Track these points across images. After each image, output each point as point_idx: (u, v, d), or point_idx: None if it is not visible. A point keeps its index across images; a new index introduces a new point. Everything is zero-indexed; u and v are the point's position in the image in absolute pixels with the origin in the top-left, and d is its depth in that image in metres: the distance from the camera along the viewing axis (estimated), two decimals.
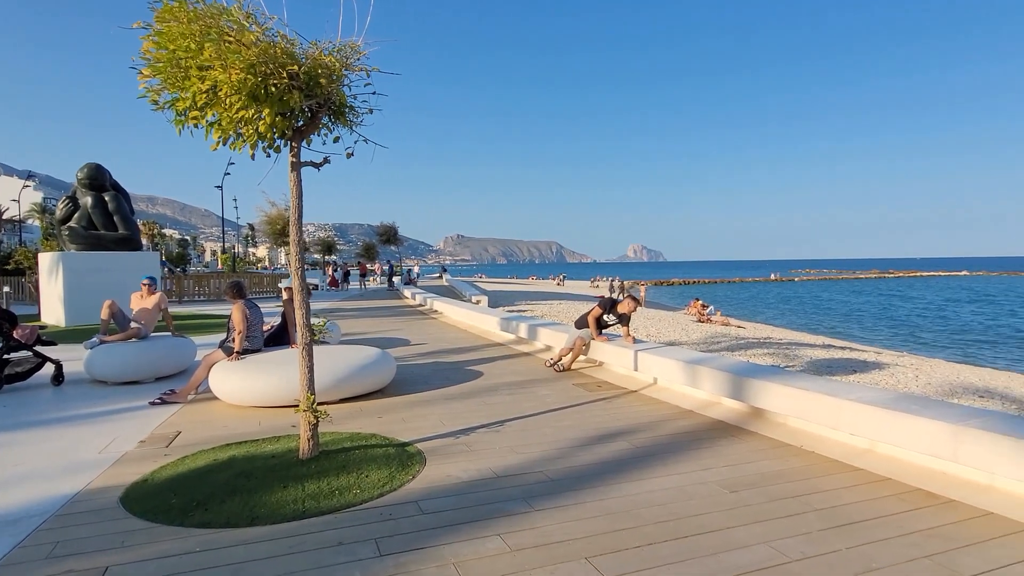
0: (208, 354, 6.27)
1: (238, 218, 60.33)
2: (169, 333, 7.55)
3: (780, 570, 2.66)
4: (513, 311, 21.65)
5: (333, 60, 3.72)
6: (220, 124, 3.62)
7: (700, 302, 30.90)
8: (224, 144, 3.78)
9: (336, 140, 4.06)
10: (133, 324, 7.25)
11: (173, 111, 3.64)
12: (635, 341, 7.23)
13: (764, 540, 2.93)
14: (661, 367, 6.21)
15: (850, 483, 3.74)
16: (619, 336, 7.53)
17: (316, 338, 4.69)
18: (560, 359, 7.62)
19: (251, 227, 71.54)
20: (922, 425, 3.68)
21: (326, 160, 4.07)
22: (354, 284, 29.92)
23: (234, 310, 6.27)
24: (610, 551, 2.82)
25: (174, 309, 17.17)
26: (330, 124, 4.08)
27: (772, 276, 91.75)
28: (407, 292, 23.04)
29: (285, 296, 6.89)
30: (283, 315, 6.77)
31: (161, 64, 3.48)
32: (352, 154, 4.10)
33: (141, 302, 7.38)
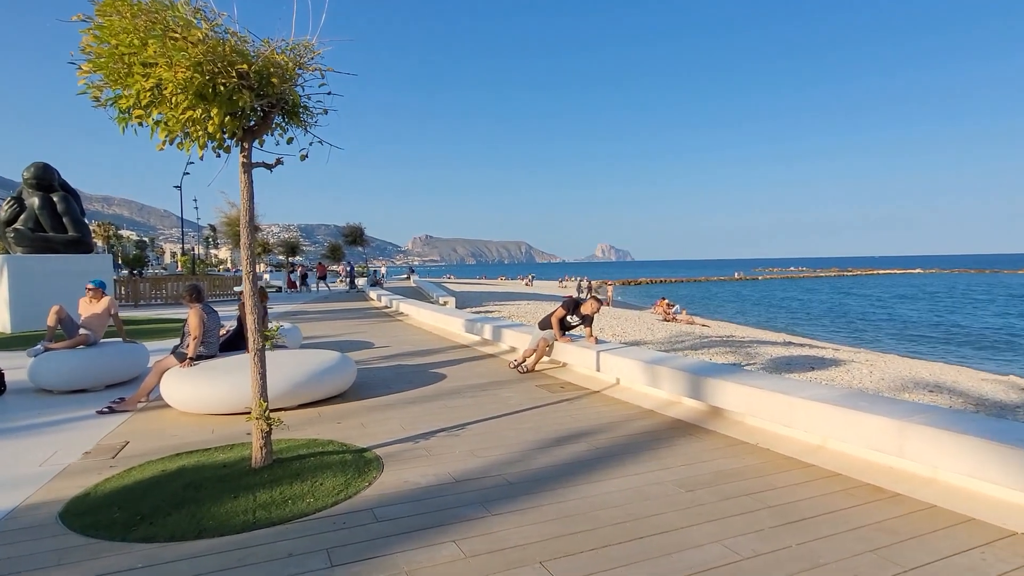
0: (159, 360, 6.08)
1: (198, 219, 58.83)
2: (120, 339, 7.29)
3: (731, 568, 2.69)
4: (480, 312, 21.61)
5: (286, 59, 3.63)
6: (166, 123, 3.50)
7: (666, 301, 31.32)
8: (171, 144, 3.66)
9: (290, 141, 3.98)
10: (82, 331, 6.99)
11: (116, 108, 3.50)
12: (597, 341, 7.28)
13: (717, 539, 2.97)
14: (623, 367, 6.26)
15: (802, 479, 3.81)
16: (582, 337, 7.57)
17: (269, 344, 4.58)
18: (524, 360, 7.62)
19: (212, 228, 69.75)
20: (870, 421, 3.77)
21: (279, 161, 3.97)
22: (322, 286, 29.46)
23: (191, 314, 6.10)
24: (565, 554, 2.82)
25: (130, 313, 16.71)
26: (284, 124, 3.99)
27: (736, 275, 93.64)
28: (373, 294, 22.78)
29: (243, 299, 6.72)
30: (239, 319, 6.61)
31: (103, 60, 3.34)
32: (307, 156, 4.02)
33: (89, 307, 7.12)
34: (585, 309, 7.44)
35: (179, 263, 43.71)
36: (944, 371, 11.77)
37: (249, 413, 4.06)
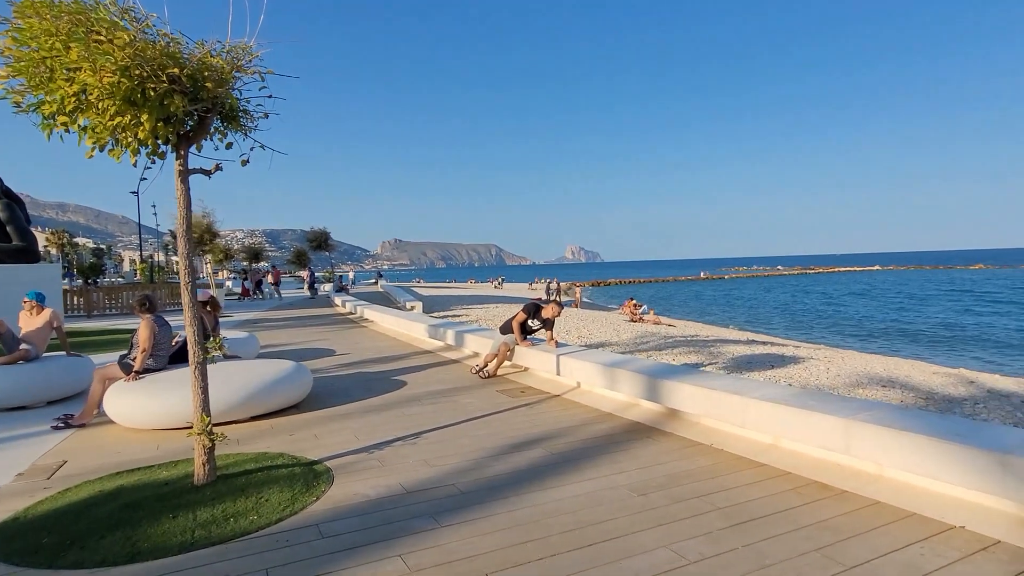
0: (100, 368, 5.84)
1: (158, 225, 57.22)
2: (63, 353, 7.00)
3: (678, 573, 2.68)
4: (447, 317, 21.48)
5: (222, 62, 3.52)
6: (94, 130, 3.35)
7: (633, 302, 31.66)
8: (101, 151, 3.51)
9: (229, 147, 3.86)
10: (23, 345, 6.68)
11: (39, 115, 3.34)
12: (558, 345, 7.27)
13: (666, 543, 2.96)
14: (582, 371, 6.26)
15: (753, 480, 3.84)
16: (544, 340, 7.55)
17: (210, 355, 4.45)
18: (486, 366, 7.56)
19: (172, 235, 67.78)
20: (817, 420, 3.83)
21: (218, 167, 3.85)
22: (288, 293, 28.75)
23: (141, 325, 5.88)
24: (514, 565, 2.77)
25: (81, 325, 16.12)
26: (223, 129, 3.87)
27: (701, 274, 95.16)
28: (338, 300, 22.44)
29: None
30: None
31: (23, 64, 3.19)
32: (247, 161, 3.91)
33: (30, 321, 6.82)
34: (546, 313, 7.43)
35: (137, 271, 42.37)
36: (898, 366, 12.10)
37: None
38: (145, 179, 43.46)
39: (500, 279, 68.91)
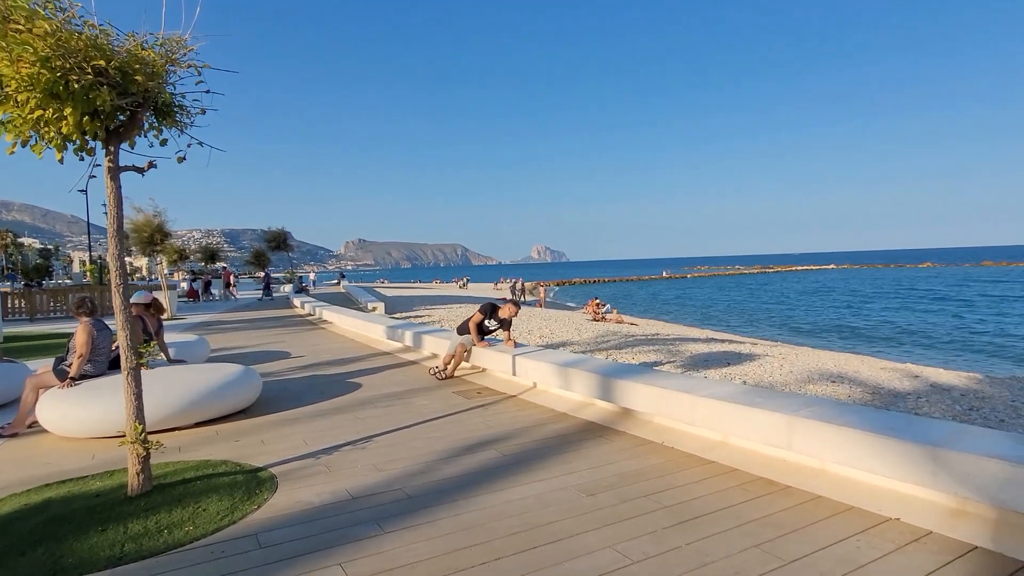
0: (33, 375, 5.57)
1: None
2: None
3: (621, 573, 2.68)
4: (409, 317, 21.27)
5: (154, 55, 3.37)
6: (13, 124, 3.17)
7: (597, 301, 31.93)
8: (24, 146, 3.33)
9: (164, 143, 3.70)
10: None
11: None
12: (516, 345, 7.25)
13: (611, 543, 2.95)
14: (538, 371, 6.25)
15: (701, 477, 3.88)
16: (501, 341, 7.52)
17: (144, 360, 4.29)
18: (444, 367, 7.49)
19: (125, 235, 65.41)
20: (761, 417, 3.89)
21: (151, 164, 3.69)
22: (250, 294, 27.96)
23: (79, 329, 5.63)
24: (455, 570, 2.72)
25: (22, 328, 15.42)
26: (157, 125, 3.72)
27: (663, 273, 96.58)
28: (297, 301, 22.00)
29: (135, 312, 6.27)
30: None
31: None
32: (184, 159, 3.76)
33: None
34: (503, 313, 7.40)
35: (87, 272, 40.81)
36: (849, 361, 12.47)
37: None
38: (94, 176, 41.85)
39: (464, 279, 68.67)
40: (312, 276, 55.74)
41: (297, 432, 5.20)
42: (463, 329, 7.53)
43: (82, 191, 41.94)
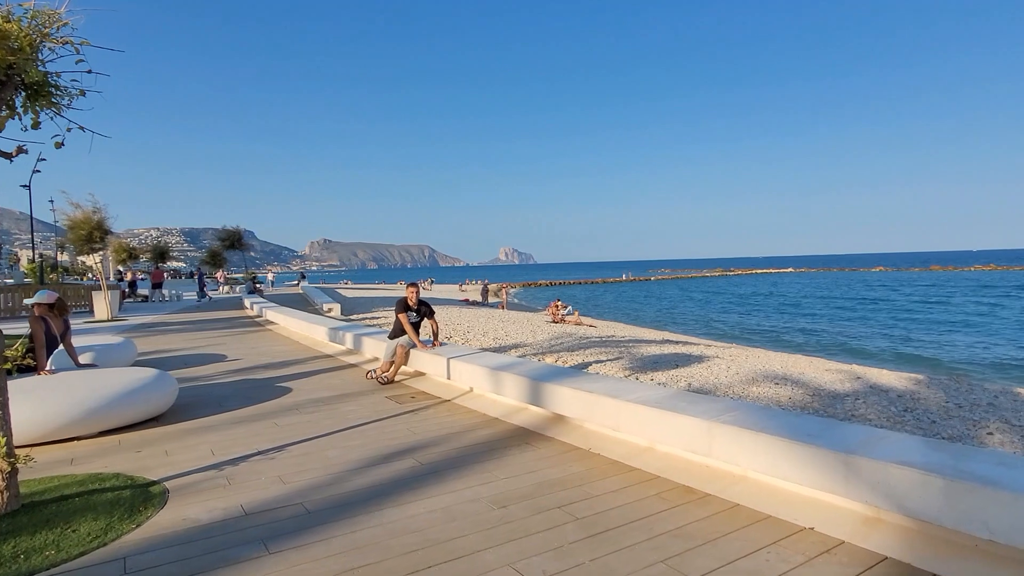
0: None
1: (56, 221, 53.08)
2: None
3: None
4: (364, 319, 20.82)
5: (19, 27, 3.05)
6: None
7: (558, 303, 31.91)
8: None
9: (36, 126, 3.37)
10: None
11: None
12: (441, 344, 7.08)
13: (510, 561, 2.76)
14: (473, 375, 6.04)
15: (621, 486, 3.73)
16: (445, 343, 7.30)
17: (9, 366, 3.94)
18: (384, 371, 7.22)
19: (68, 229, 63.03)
20: (684, 422, 3.76)
21: (21, 150, 3.36)
22: (158, 295, 26.48)
23: None
24: None
25: None
26: (33, 106, 3.38)
27: (623, 276, 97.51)
28: (247, 302, 21.31)
29: (37, 312, 5.83)
30: (30, 336, 5.71)
31: None
32: (62, 144, 3.44)
33: None
34: (411, 300, 7.25)
35: (25, 271, 39.00)
36: (797, 363, 12.61)
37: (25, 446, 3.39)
38: (39, 171, 40.06)
39: (428, 280, 68.05)
40: (271, 277, 54.50)
41: (207, 441, 4.87)
42: (397, 332, 7.28)
43: (25, 186, 40.10)
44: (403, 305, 7.21)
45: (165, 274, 31.34)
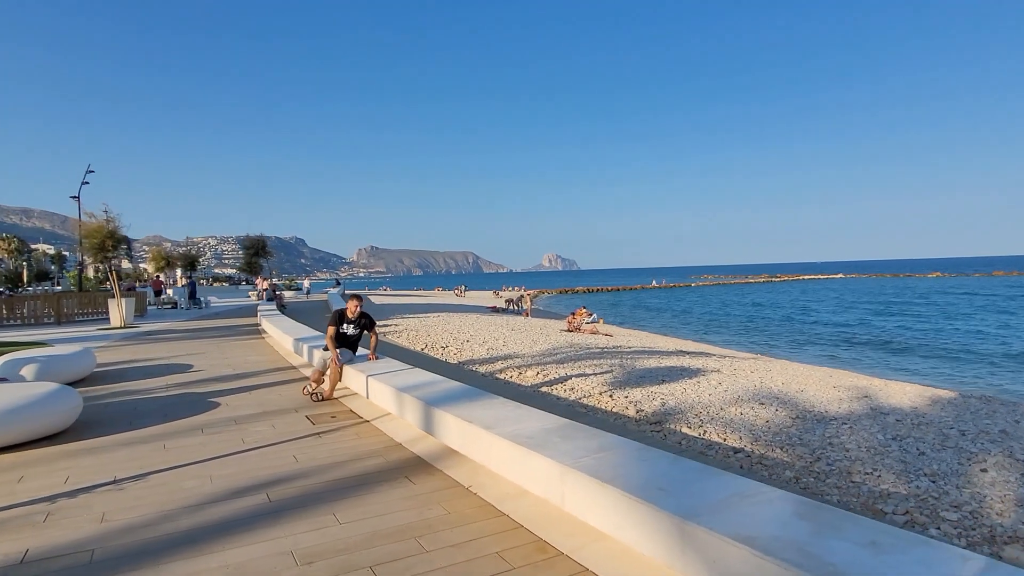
0: None
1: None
2: None
3: None
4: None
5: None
6: None
7: (584, 310, 31.15)
8: None
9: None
10: None
11: None
12: (377, 359, 6.63)
13: None
14: (383, 395, 5.57)
15: (471, 537, 3.18)
16: (382, 357, 6.85)
17: None
18: (319, 382, 6.81)
19: (127, 241, 65.89)
20: (541, 465, 3.19)
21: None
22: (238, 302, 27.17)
23: None
24: None
25: None
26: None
27: (653, 283, 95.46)
28: (261, 309, 21.43)
29: None
30: None
31: None
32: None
33: None
34: (350, 312, 6.82)
35: (70, 279, 40.70)
36: (808, 377, 11.62)
37: None
38: (87, 183, 41.90)
39: (462, 287, 67.94)
40: (307, 284, 55.39)
41: (77, 465, 4.55)
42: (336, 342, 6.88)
43: (74, 197, 41.98)
44: (337, 317, 6.80)
45: (163, 283, 31.95)
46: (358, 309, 6.89)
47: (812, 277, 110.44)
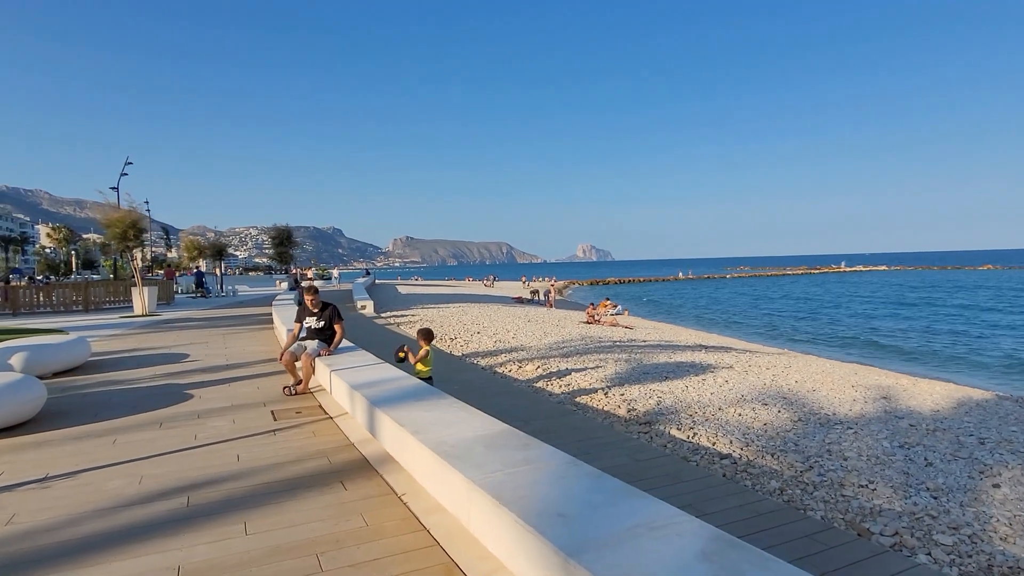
0: None
1: (150, 222, 57.58)
2: None
3: None
4: (392, 316, 20.58)
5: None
6: None
7: (608, 302, 30.58)
8: None
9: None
10: None
11: None
12: (332, 353, 6.45)
13: None
14: (341, 391, 5.32)
15: (385, 554, 2.91)
16: (353, 349, 6.63)
17: None
18: (296, 381, 6.63)
19: (164, 230, 67.90)
20: (453, 480, 2.87)
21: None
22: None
23: None
24: None
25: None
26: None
27: (679, 274, 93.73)
28: (278, 298, 21.60)
29: None
30: None
31: None
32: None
33: None
34: (310, 305, 6.65)
35: (107, 267, 41.97)
36: (829, 374, 10.96)
37: None
38: (126, 174, 43.13)
39: (491, 277, 67.81)
40: (336, 273, 56.08)
41: (18, 460, 4.44)
42: (310, 334, 6.68)
43: (114, 188, 43.28)
44: (301, 312, 6.61)
45: (176, 273, 32.62)
46: (317, 301, 6.69)
47: (853, 269, 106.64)
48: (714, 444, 6.00)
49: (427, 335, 6.27)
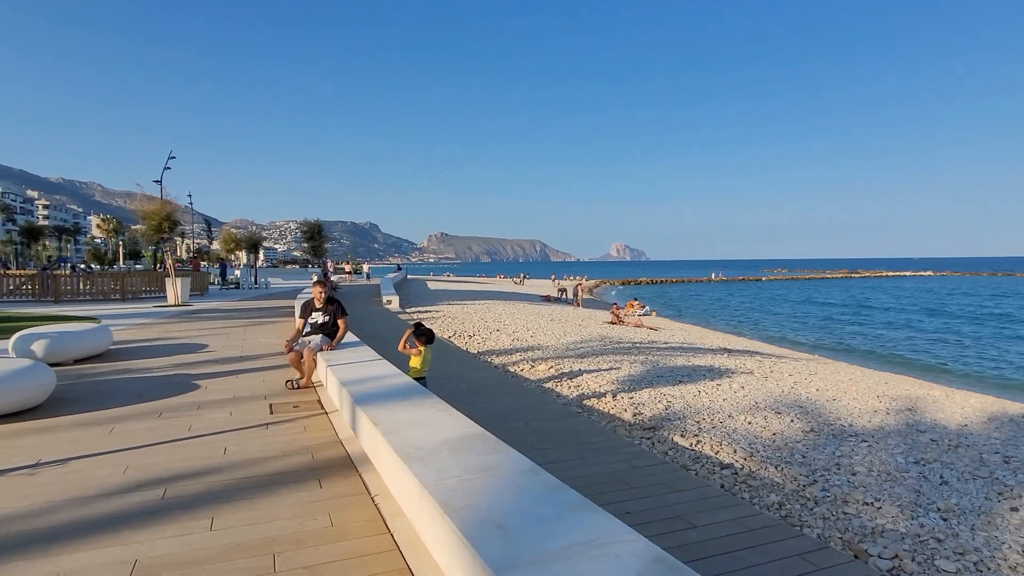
0: None
1: (193, 214, 59.30)
2: None
3: None
4: (417, 311, 20.70)
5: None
6: None
7: (635, 302, 30.21)
8: None
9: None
10: None
11: None
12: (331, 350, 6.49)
13: None
14: (333, 387, 5.31)
15: (342, 556, 2.88)
16: (357, 345, 6.63)
17: None
18: (300, 375, 6.68)
19: (207, 222, 70.02)
20: (408, 481, 2.79)
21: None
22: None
23: None
24: None
25: (37, 309, 16.02)
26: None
27: (712, 276, 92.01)
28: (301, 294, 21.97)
29: None
30: None
31: None
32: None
33: None
34: (316, 301, 6.66)
35: (147, 258, 43.36)
36: (855, 382, 10.54)
37: None
38: (169, 168, 44.47)
39: (521, 275, 67.75)
40: (366, 268, 56.93)
41: (15, 445, 4.56)
42: (314, 329, 6.72)
43: (157, 181, 44.67)
44: (307, 307, 6.64)
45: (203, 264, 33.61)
46: (323, 295, 6.72)
47: (895, 274, 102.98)
48: (717, 453, 5.80)
49: (426, 336, 6.22)
